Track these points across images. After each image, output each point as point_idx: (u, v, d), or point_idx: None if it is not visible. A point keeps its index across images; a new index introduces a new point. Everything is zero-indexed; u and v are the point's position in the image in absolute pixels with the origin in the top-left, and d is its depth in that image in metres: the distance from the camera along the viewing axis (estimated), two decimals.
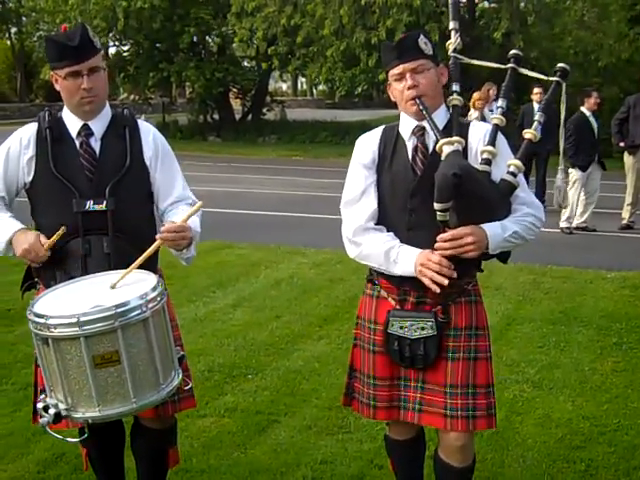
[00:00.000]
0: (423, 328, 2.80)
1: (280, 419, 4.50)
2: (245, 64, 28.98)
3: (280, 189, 14.72)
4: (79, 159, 2.95)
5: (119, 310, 2.39)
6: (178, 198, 3.12)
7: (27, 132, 3.00)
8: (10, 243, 2.89)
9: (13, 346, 5.62)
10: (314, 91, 60.84)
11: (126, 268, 2.74)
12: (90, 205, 2.89)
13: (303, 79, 53.69)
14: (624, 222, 10.82)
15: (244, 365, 5.32)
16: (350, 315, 6.04)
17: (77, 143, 2.97)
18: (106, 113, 3.03)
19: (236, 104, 30.36)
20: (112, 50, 29.57)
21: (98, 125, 3.00)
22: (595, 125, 10.60)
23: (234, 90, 28.57)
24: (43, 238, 2.84)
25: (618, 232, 10.66)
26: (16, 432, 4.25)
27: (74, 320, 2.36)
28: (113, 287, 2.65)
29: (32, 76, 43.55)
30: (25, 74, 42.12)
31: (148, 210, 3.12)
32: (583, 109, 10.59)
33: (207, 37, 26.31)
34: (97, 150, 2.98)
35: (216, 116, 27.99)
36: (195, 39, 25.64)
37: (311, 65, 23.52)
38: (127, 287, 2.61)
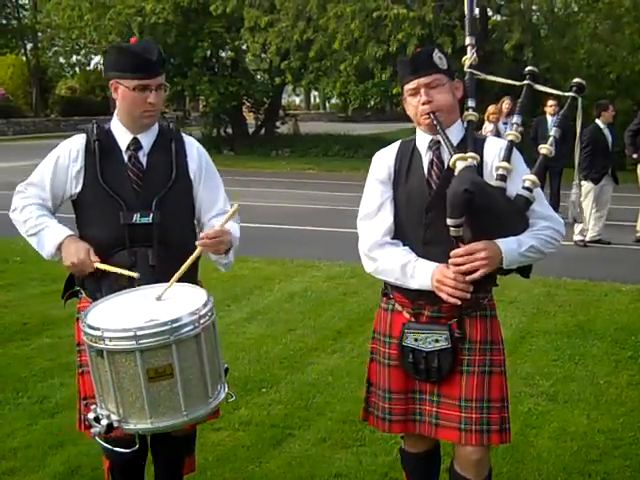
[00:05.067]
0: (437, 340, 2.81)
1: (294, 432, 4.50)
2: (258, 77, 29.11)
3: (293, 202, 14.75)
4: (127, 172, 3.00)
5: (174, 325, 2.44)
6: (219, 212, 3.16)
7: (76, 144, 3.04)
8: (59, 248, 2.94)
9: (29, 359, 5.66)
10: (327, 104, 61.07)
11: (170, 280, 2.79)
12: (137, 218, 2.94)
13: (316, 93, 53.88)
14: (639, 234, 10.77)
15: (258, 378, 5.34)
16: (364, 328, 6.05)
17: (125, 156, 3.02)
18: (154, 127, 3.09)
19: (249, 118, 30.48)
20: None
21: (147, 139, 3.05)
22: (609, 137, 10.58)
23: (247, 104, 28.68)
24: (93, 255, 2.90)
25: (633, 244, 10.62)
26: (33, 445, 4.27)
27: (131, 334, 2.41)
28: (159, 299, 2.71)
29: (47, 91, 43.91)
30: (40, 89, 42.42)
31: (191, 223, 3.17)
32: (598, 121, 10.57)
33: (221, 51, 26.44)
34: (144, 163, 3.03)
35: (229, 130, 28.07)
36: (209, 54, 25.78)
37: (324, 79, 23.59)
38: (178, 301, 2.65)
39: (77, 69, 36.19)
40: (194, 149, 3.17)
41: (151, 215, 2.95)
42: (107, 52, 3.20)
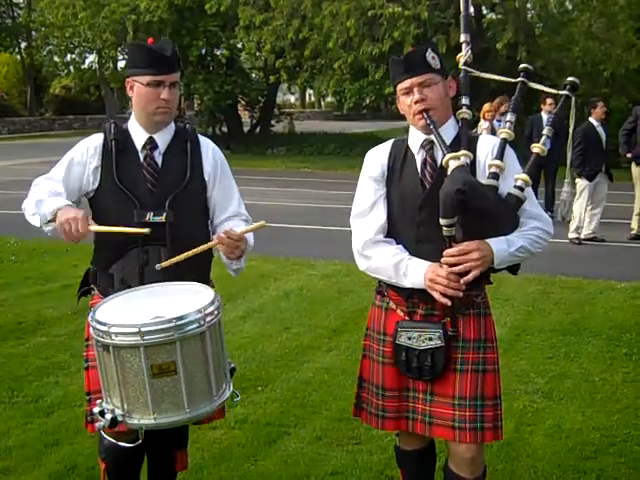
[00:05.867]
0: (431, 339, 2.82)
1: (290, 430, 4.51)
2: (253, 76, 29.09)
3: (289, 201, 14.75)
4: (142, 171, 3.03)
5: (178, 323, 2.46)
6: (233, 214, 3.20)
7: (93, 142, 3.09)
8: (55, 214, 2.87)
9: (24, 359, 5.65)
10: (322, 103, 61.05)
11: (181, 279, 2.83)
12: (150, 216, 2.97)
13: (311, 91, 53.84)
14: (633, 232, 10.79)
15: (254, 377, 5.34)
16: (359, 326, 6.05)
17: (141, 156, 3.05)
18: (170, 127, 3.13)
19: (245, 116, 30.42)
20: (121, 64, 29.74)
21: (163, 138, 3.09)
22: (603, 135, 10.61)
23: (242, 102, 28.65)
24: (91, 220, 2.90)
25: (627, 242, 10.64)
26: (28, 444, 4.27)
27: (135, 330, 2.44)
28: (160, 267, 2.79)
29: (42, 90, 43.83)
30: (35, 88, 42.35)
31: (204, 224, 3.19)
32: (591, 119, 10.62)
33: (215, 50, 26.41)
34: (159, 163, 3.06)
35: (225, 128, 28.05)
36: (204, 52, 25.74)
37: (319, 77, 23.58)
38: (185, 299, 2.67)
39: (71, 68, 36.15)
40: (209, 150, 3.20)
41: (164, 214, 2.98)
42: (126, 52, 3.25)
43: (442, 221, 2.65)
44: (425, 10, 18.98)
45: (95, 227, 2.91)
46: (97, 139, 3.09)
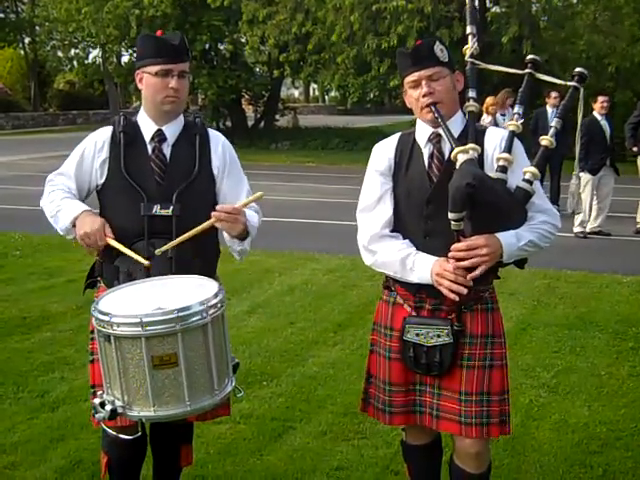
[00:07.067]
0: (439, 335, 2.80)
1: (295, 425, 4.50)
2: (257, 70, 29.08)
3: (293, 195, 14.73)
4: (150, 163, 3.03)
5: (180, 314, 2.45)
6: None
7: (102, 135, 3.09)
8: (74, 224, 2.94)
9: (29, 354, 5.65)
10: (326, 97, 61.00)
11: (187, 273, 2.82)
12: (157, 209, 2.96)
13: (315, 85, 53.78)
14: (639, 226, 10.76)
15: (259, 371, 5.33)
16: (364, 321, 6.05)
17: (149, 148, 3.05)
18: (180, 120, 3.12)
19: (249, 111, 30.40)
20: (125, 58, 29.78)
21: (171, 131, 3.08)
22: (607, 129, 10.55)
23: (246, 97, 28.64)
24: (108, 230, 2.92)
25: (633, 236, 10.61)
26: (34, 439, 4.27)
27: (137, 320, 2.43)
28: (160, 253, 2.82)
29: (46, 85, 43.86)
30: (39, 83, 42.38)
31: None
32: (595, 113, 10.58)
33: (219, 44, 26.41)
34: (168, 156, 3.06)
35: (229, 123, 28.05)
36: (207, 46, 25.74)
37: (323, 72, 23.56)
38: (189, 291, 2.67)
39: (75, 63, 36.25)
40: (219, 144, 3.19)
41: (171, 207, 2.97)
42: (133, 45, 3.26)
43: (450, 215, 2.64)
44: (429, 4, 18.93)
45: (111, 241, 2.90)
46: (105, 132, 3.09)
